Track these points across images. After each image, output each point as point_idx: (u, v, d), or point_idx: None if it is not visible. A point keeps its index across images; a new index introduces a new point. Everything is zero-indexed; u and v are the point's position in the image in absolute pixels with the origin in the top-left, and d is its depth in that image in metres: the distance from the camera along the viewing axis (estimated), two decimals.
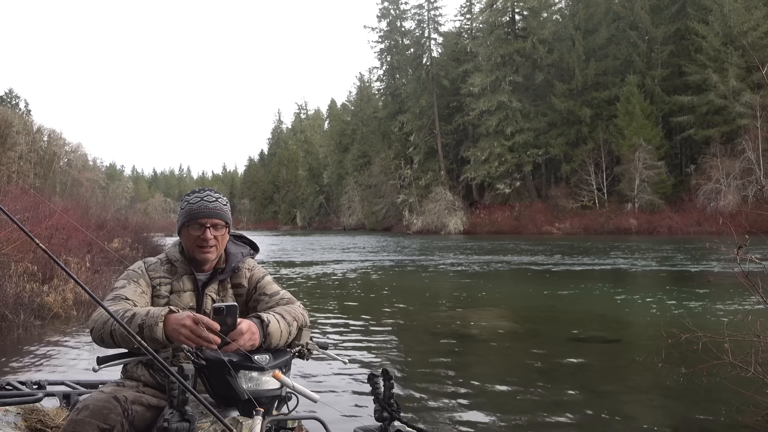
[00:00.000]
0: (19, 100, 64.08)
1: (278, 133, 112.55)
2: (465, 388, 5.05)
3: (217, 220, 2.10)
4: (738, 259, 3.78)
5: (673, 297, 10.54)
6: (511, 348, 6.95)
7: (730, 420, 4.00)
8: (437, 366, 5.94)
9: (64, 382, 2.61)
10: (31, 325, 7.54)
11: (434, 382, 5.29)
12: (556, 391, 4.99)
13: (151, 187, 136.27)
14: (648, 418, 4.25)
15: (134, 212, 42.53)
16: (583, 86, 49.93)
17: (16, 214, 9.72)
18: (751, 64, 38.88)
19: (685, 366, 4.12)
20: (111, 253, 11.22)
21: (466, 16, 60.89)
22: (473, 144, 55.47)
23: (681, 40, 46.81)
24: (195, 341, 1.71)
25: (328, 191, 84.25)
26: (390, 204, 63.87)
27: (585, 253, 22.55)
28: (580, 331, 7.65)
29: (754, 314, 4.35)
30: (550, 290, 12.32)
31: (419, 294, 12.39)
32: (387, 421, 1.82)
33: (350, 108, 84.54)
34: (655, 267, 16.67)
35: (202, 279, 2.14)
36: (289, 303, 2.11)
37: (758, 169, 38.17)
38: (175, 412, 1.60)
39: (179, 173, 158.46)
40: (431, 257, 22.92)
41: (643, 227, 40.89)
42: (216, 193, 2.17)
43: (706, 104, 42.79)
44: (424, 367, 5.96)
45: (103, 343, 1.88)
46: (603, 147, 47.18)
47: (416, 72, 61.27)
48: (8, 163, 40.25)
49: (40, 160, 57.55)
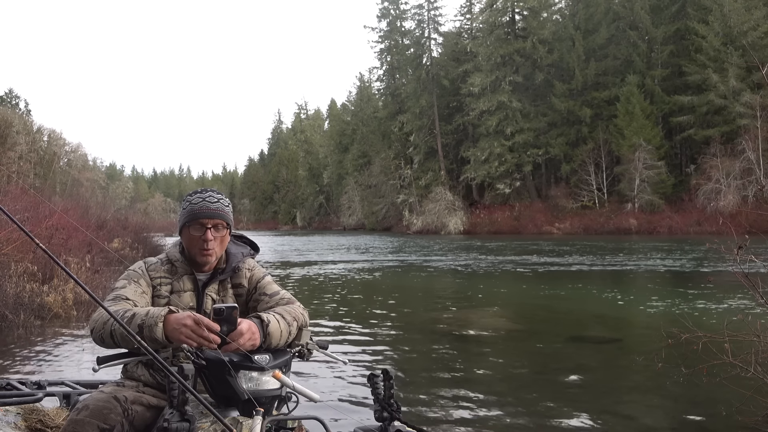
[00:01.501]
0: (19, 100, 64.02)
1: (278, 133, 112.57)
2: (465, 388, 5.05)
3: (219, 221, 2.10)
4: (738, 259, 3.78)
5: (672, 297, 10.54)
6: (511, 348, 6.95)
7: (730, 420, 4.00)
8: (437, 366, 5.94)
9: (64, 382, 2.61)
10: (31, 325, 7.54)
11: (434, 382, 5.29)
12: (556, 391, 4.99)
13: (151, 187, 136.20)
14: (648, 418, 4.25)
15: (134, 212, 42.52)
16: (583, 86, 49.92)
17: (16, 214, 9.72)
18: (751, 64, 38.84)
19: (685, 366, 4.12)
20: (111, 253, 11.22)
21: (466, 16, 60.90)
22: (473, 144, 55.47)
23: (681, 40, 46.79)
24: (195, 341, 1.71)
25: (328, 191, 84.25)
26: (390, 204, 63.85)
27: (585, 253, 22.55)
28: (580, 331, 7.66)
29: (754, 314, 4.36)
30: (550, 290, 12.32)
31: (419, 294, 12.40)
32: (387, 421, 1.82)
33: (350, 108, 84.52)
34: (655, 267, 16.67)
35: (203, 279, 2.14)
36: (289, 303, 2.11)
37: (758, 169, 38.15)
38: (175, 412, 1.60)
39: (179, 173, 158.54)
40: (431, 257, 22.92)
41: (643, 227, 40.88)
42: (218, 194, 2.16)
43: (706, 104, 42.77)
44: (424, 367, 5.96)
45: (104, 343, 1.88)
46: (603, 147, 47.16)
47: (416, 72, 61.26)
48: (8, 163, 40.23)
49: (40, 160, 57.52)
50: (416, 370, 5.89)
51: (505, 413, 4.40)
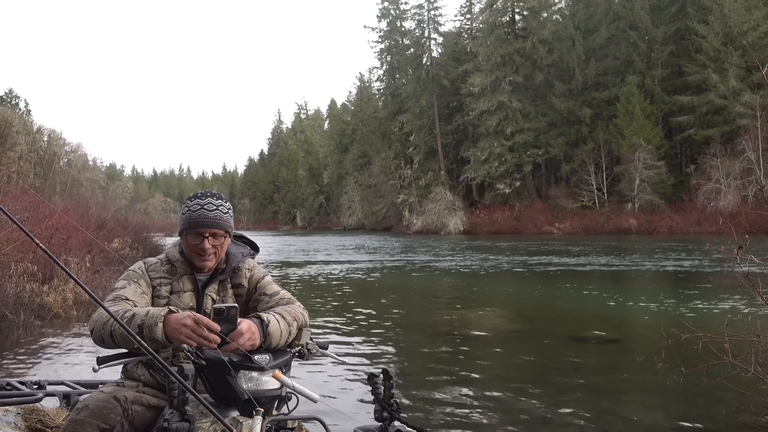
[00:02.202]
0: (19, 100, 63.99)
1: (278, 133, 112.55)
2: (465, 388, 5.05)
3: (217, 230, 2.08)
4: (738, 259, 3.78)
5: (673, 297, 10.53)
6: (511, 348, 6.95)
7: (730, 420, 4.00)
8: (437, 366, 5.94)
9: (64, 382, 2.61)
10: (31, 325, 7.54)
11: (434, 382, 5.29)
12: (556, 391, 4.99)
13: (151, 187, 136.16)
14: (648, 418, 4.25)
15: (134, 212, 42.46)
16: (583, 86, 49.93)
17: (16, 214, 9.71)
18: (751, 64, 38.85)
19: (685, 366, 4.12)
20: (111, 253, 11.23)
21: (466, 16, 60.90)
22: (473, 144, 55.46)
23: (681, 40, 46.81)
24: (195, 340, 1.71)
25: (328, 191, 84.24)
26: (390, 204, 63.85)
27: (585, 253, 22.54)
28: (580, 331, 7.65)
29: (754, 314, 4.36)
30: (550, 290, 12.32)
31: (419, 294, 12.39)
32: (387, 421, 1.82)
33: (350, 108, 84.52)
34: (655, 267, 16.67)
35: (202, 279, 2.14)
36: (289, 303, 2.11)
37: (758, 169, 38.15)
38: (175, 412, 1.60)
39: (179, 173, 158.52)
40: (431, 257, 22.92)
41: (643, 227, 40.87)
42: (218, 200, 2.11)
43: (706, 104, 42.77)
44: (424, 367, 5.96)
45: (104, 344, 1.88)
46: (603, 147, 47.16)
47: (416, 72, 61.24)
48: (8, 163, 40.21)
49: (40, 160, 57.48)
50: (416, 370, 5.89)
51: (505, 413, 4.40)
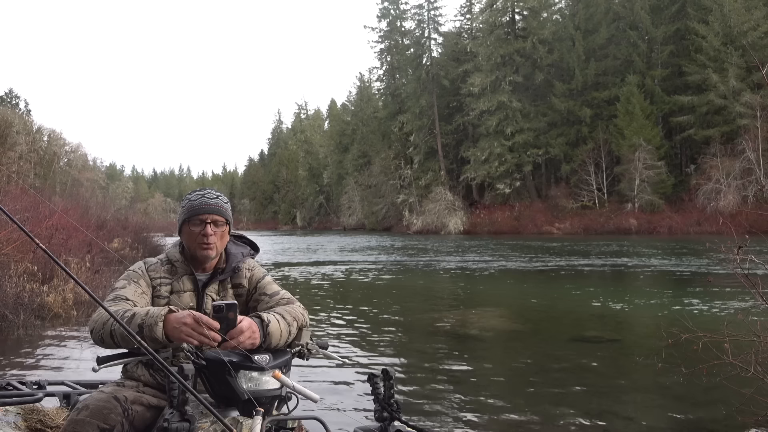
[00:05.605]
0: (19, 100, 63.93)
1: (278, 133, 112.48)
2: (465, 387, 5.05)
3: (218, 217, 2.11)
4: (738, 260, 3.78)
5: (673, 297, 10.54)
6: (511, 348, 6.95)
7: (730, 420, 4.00)
8: (437, 366, 5.94)
9: (64, 382, 2.61)
10: (31, 325, 7.54)
11: (434, 382, 5.29)
12: (556, 391, 4.99)
13: (151, 187, 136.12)
14: (648, 418, 4.25)
15: (134, 212, 42.41)
16: (583, 86, 49.91)
17: (16, 214, 9.71)
18: (751, 64, 38.85)
19: (685, 366, 4.11)
20: (111, 253, 11.21)
21: (466, 16, 60.89)
22: (473, 144, 55.45)
23: (681, 40, 46.78)
24: (196, 339, 1.72)
25: (328, 191, 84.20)
26: (390, 204, 63.81)
27: (585, 253, 22.55)
28: (580, 331, 7.65)
29: (754, 314, 4.36)
30: (550, 290, 12.32)
31: (419, 294, 12.39)
32: (387, 421, 1.82)
33: (350, 108, 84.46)
34: (655, 267, 16.67)
35: (203, 279, 2.14)
36: (289, 303, 2.11)
37: (758, 169, 38.14)
38: (175, 412, 1.60)
39: (179, 173, 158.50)
40: (431, 257, 22.92)
41: (643, 227, 40.86)
42: (217, 192, 2.20)
43: (706, 104, 42.76)
44: (424, 367, 5.96)
45: (104, 344, 1.88)
46: (603, 147, 47.15)
47: (416, 72, 61.23)
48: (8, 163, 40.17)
49: (40, 160, 57.47)
50: (416, 370, 5.88)
51: (505, 413, 4.40)
